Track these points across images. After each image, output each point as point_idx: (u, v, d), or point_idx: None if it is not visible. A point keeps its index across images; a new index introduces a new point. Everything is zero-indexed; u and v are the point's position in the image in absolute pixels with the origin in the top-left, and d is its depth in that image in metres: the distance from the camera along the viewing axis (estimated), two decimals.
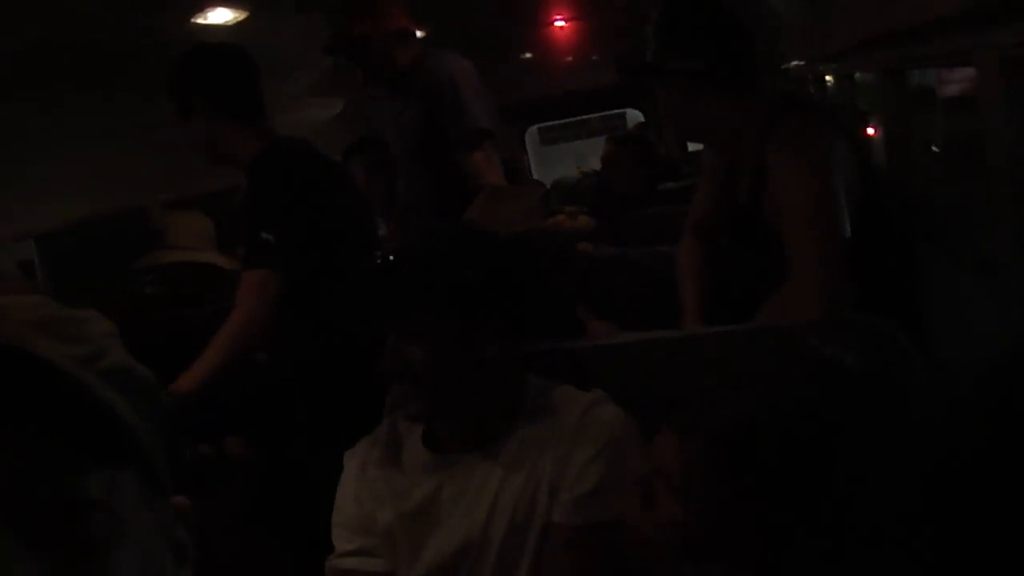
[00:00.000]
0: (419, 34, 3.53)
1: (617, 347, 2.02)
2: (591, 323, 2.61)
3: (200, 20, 3.34)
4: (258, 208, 2.61)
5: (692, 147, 7.29)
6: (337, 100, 5.74)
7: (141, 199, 4.11)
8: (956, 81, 3.44)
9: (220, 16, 3.39)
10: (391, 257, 1.75)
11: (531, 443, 1.68)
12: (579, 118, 8.66)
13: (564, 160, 8.07)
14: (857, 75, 4.84)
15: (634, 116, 7.93)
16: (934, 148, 3.47)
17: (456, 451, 1.74)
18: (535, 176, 6.87)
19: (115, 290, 3.38)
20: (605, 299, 2.91)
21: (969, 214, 2.23)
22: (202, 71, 2.72)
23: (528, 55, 7.01)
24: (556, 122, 8.70)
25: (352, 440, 1.89)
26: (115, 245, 3.84)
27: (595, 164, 5.19)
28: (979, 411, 1.53)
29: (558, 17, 6.19)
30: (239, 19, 3.44)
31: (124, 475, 0.68)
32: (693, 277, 2.60)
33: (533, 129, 8.12)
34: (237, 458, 2.68)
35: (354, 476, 1.81)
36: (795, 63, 5.75)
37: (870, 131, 3.99)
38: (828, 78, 5.64)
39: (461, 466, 1.72)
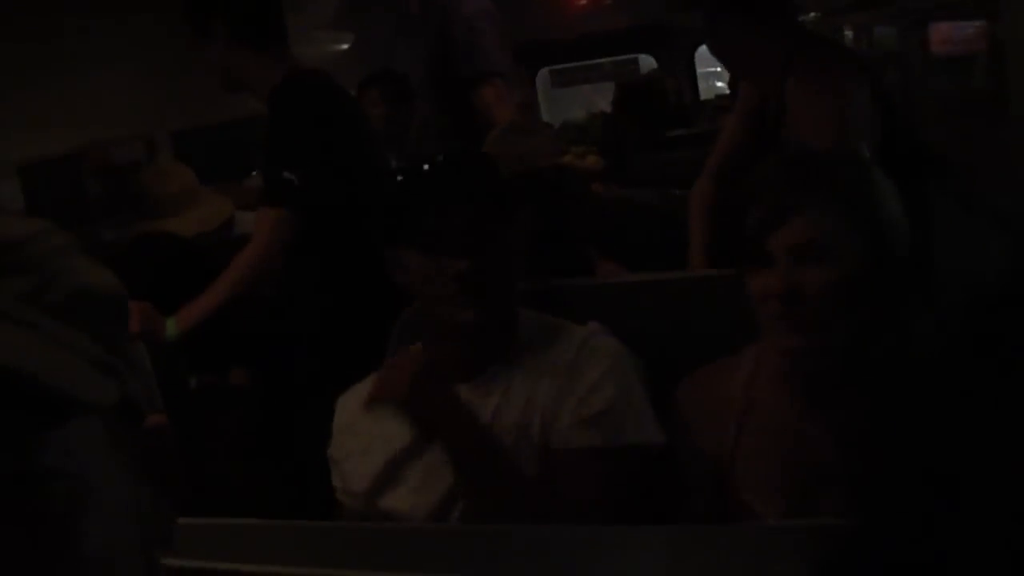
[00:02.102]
0: None
1: (623, 286, 2.01)
2: (601, 262, 2.60)
3: None
4: (280, 144, 2.54)
5: (704, 95, 7.24)
6: (349, 34, 5.66)
7: (147, 128, 4.05)
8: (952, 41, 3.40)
9: None
10: (424, 165, 1.72)
11: (527, 374, 1.66)
12: (591, 62, 8.56)
13: (574, 103, 7.98)
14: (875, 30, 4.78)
15: (646, 62, 7.83)
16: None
17: (450, 383, 1.71)
18: (545, 118, 6.78)
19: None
20: (615, 239, 2.89)
21: (986, 167, 2.20)
22: None
23: None
24: (568, 65, 8.59)
25: (356, 373, 1.87)
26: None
27: (605, 108, 5.13)
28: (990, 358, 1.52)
29: None
30: None
31: (85, 426, 0.62)
32: (704, 219, 2.59)
33: (544, 71, 8.04)
34: (240, 388, 2.68)
35: (345, 424, 1.81)
36: (812, 15, 5.67)
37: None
38: (847, 32, 5.56)
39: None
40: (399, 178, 1.79)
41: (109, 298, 0.65)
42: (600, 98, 6.54)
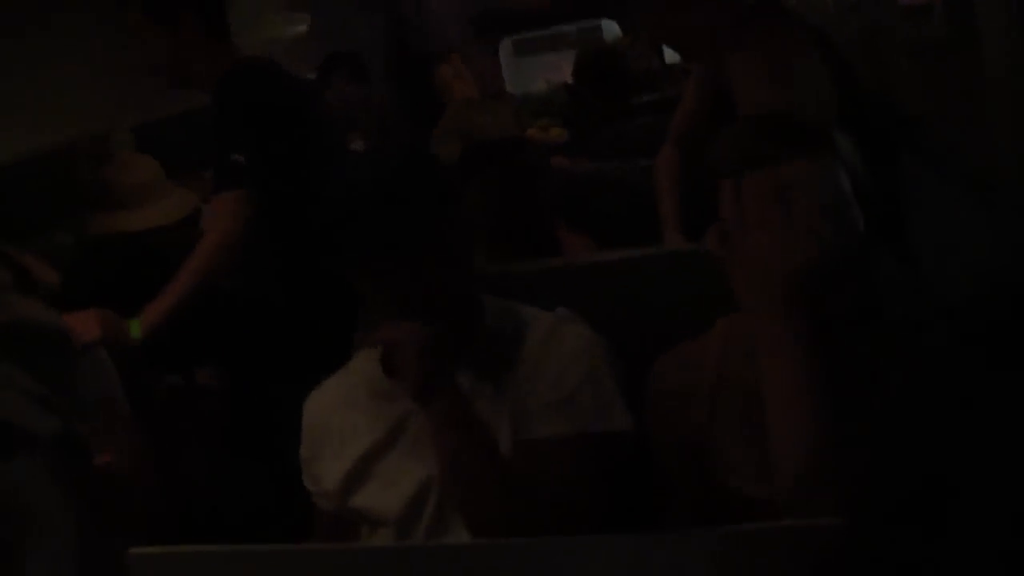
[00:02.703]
0: None
1: (592, 266, 1.97)
2: (566, 236, 2.56)
3: None
4: (227, 129, 2.54)
5: (670, 59, 7.19)
6: (305, 16, 5.60)
7: (101, 125, 3.97)
8: None
9: None
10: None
11: (494, 365, 1.62)
12: (554, 29, 8.50)
13: (539, 73, 7.93)
14: None
15: (610, 27, 7.79)
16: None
17: None
18: (509, 89, 6.73)
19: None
20: (582, 214, 2.85)
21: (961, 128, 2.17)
22: None
23: None
24: (530, 34, 8.53)
25: (325, 366, 1.84)
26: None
27: (568, 79, 5.09)
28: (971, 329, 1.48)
29: None
30: None
31: (31, 461, 0.60)
32: (671, 188, 2.56)
33: (507, 41, 7.98)
34: (207, 389, 2.63)
35: (314, 424, 1.77)
36: None
37: None
38: None
39: None
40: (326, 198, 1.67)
41: (48, 334, 0.64)
42: (567, 65, 6.49)
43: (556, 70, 7.35)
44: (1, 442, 0.57)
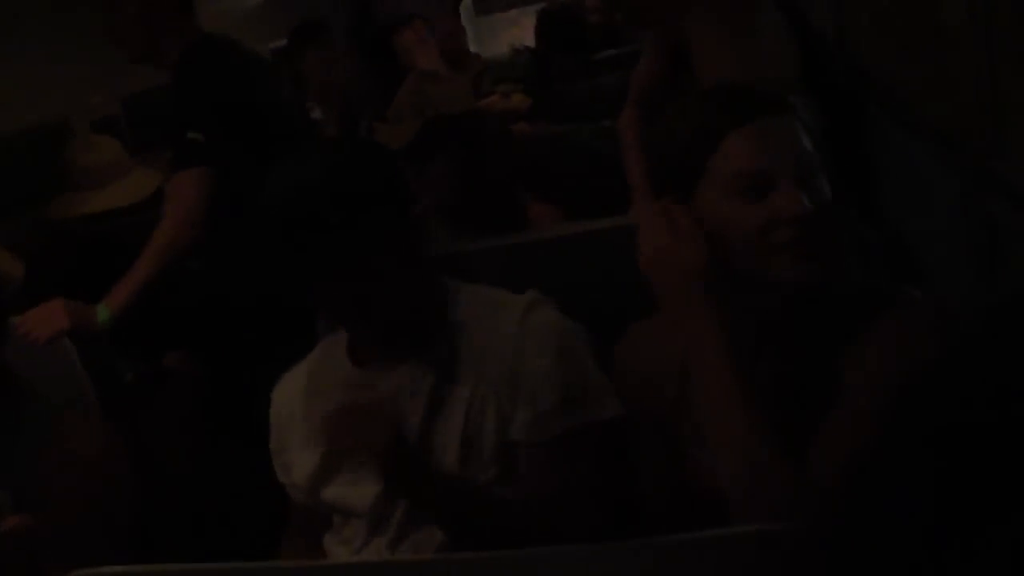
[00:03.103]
0: None
1: (559, 240, 1.96)
2: (532, 206, 2.53)
3: None
4: (185, 107, 2.54)
5: None
6: None
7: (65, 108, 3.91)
8: None
9: None
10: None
11: (468, 353, 1.58)
12: None
13: (500, 31, 7.86)
14: None
15: None
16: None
17: (378, 365, 1.63)
18: (473, 49, 6.68)
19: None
20: (547, 181, 2.82)
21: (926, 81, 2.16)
22: None
23: None
24: None
25: (292, 349, 1.80)
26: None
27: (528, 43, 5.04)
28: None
29: None
30: None
31: None
32: (637, 151, 2.53)
33: (467, 0, 7.90)
34: (178, 373, 2.61)
35: (280, 415, 1.74)
36: None
37: None
38: None
39: (388, 382, 1.60)
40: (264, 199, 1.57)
41: None
42: (528, 22, 6.43)
43: (516, 27, 7.31)
44: None
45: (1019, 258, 1.41)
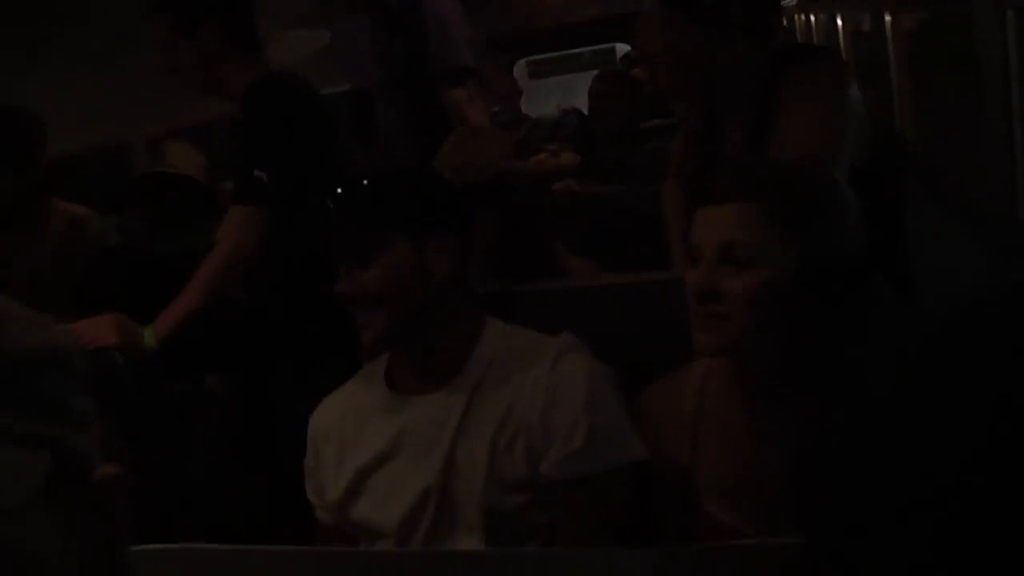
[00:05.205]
0: None
1: (593, 288, 2.01)
2: (569, 259, 2.58)
3: None
4: (253, 142, 2.55)
5: None
6: (320, 33, 5.63)
7: (123, 134, 4.02)
8: None
9: None
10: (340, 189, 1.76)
11: (497, 386, 1.64)
12: (568, 52, 8.54)
13: (553, 95, 7.97)
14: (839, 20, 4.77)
15: (624, 51, 7.83)
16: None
17: (413, 391, 1.71)
18: (524, 110, 6.78)
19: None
20: (590, 238, 2.88)
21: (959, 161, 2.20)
22: None
23: None
24: (544, 56, 8.58)
25: (333, 377, 1.87)
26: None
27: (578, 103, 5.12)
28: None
29: None
30: None
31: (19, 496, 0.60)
32: (677, 219, 2.57)
33: (521, 63, 8.01)
34: (217, 396, 2.66)
35: (319, 434, 1.80)
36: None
37: None
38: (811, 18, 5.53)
39: (420, 407, 1.68)
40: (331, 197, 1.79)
41: (45, 357, 0.64)
42: (581, 87, 6.53)
43: (569, 91, 7.41)
44: None
45: None
